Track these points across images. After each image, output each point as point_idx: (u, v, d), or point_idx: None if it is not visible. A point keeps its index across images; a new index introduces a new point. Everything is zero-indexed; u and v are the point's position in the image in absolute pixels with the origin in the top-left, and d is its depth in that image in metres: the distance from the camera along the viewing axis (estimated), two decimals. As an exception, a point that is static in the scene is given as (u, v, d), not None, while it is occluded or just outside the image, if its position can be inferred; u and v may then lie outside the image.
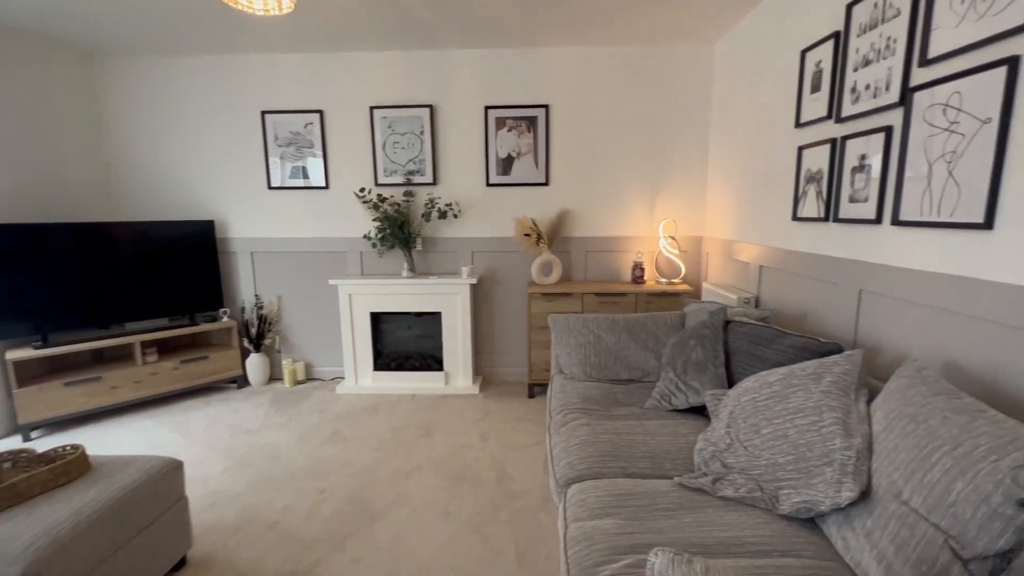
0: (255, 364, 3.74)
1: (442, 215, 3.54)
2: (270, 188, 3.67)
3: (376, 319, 3.67)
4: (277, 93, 3.56)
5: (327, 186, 3.66)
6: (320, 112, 3.56)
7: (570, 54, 3.44)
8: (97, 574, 1.43)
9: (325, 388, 3.72)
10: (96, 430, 3.01)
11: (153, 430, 3.02)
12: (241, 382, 3.74)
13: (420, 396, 3.53)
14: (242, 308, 3.82)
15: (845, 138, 1.95)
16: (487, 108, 3.50)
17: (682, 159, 3.53)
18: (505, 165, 3.57)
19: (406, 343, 3.81)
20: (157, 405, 3.41)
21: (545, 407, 3.29)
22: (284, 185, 3.67)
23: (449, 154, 3.60)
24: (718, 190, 3.34)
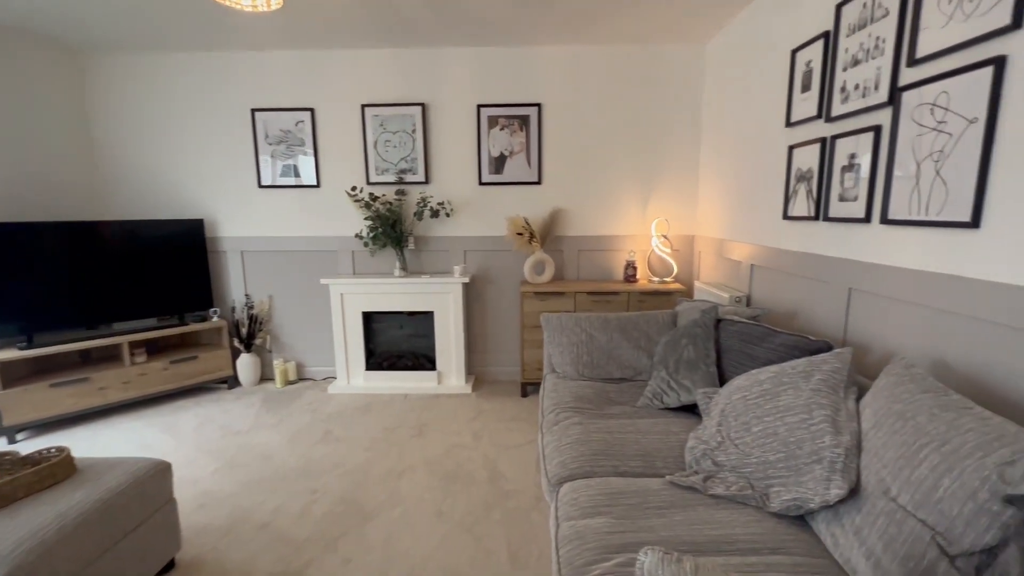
0: (246, 364, 3.71)
1: (434, 214, 3.53)
2: (260, 186, 3.64)
3: (368, 318, 3.65)
4: (267, 90, 3.53)
5: (318, 184, 3.64)
6: (311, 110, 3.53)
7: (563, 53, 3.43)
8: (83, 578, 1.41)
9: (317, 388, 3.70)
10: (84, 432, 2.98)
11: (142, 431, 2.98)
12: (232, 382, 3.71)
13: (413, 396, 3.52)
14: (232, 308, 3.79)
15: (835, 137, 1.96)
16: (479, 107, 3.49)
17: (674, 158, 3.54)
18: (497, 164, 3.56)
19: (398, 342, 3.79)
20: (146, 406, 3.37)
21: (538, 406, 3.29)
22: (275, 183, 3.64)
23: (441, 153, 3.58)
24: (710, 189, 3.35)
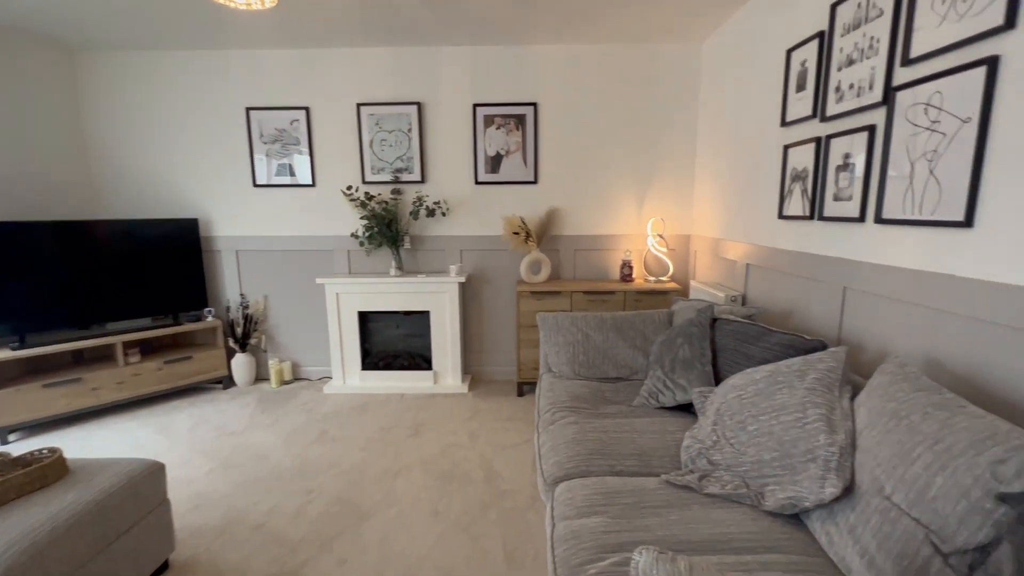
0: (241, 364, 3.69)
1: (430, 213, 3.52)
2: (255, 185, 3.62)
3: (364, 318, 3.64)
4: (262, 89, 3.51)
5: (313, 184, 3.62)
6: (306, 109, 3.52)
7: (559, 52, 3.43)
8: (75, 580, 1.40)
9: (312, 388, 3.68)
10: (77, 432, 2.96)
11: (136, 432, 2.96)
12: (227, 382, 3.69)
13: (409, 395, 3.51)
14: (227, 307, 3.77)
15: (829, 137, 1.97)
16: (475, 106, 3.48)
17: (670, 157, 3.55)
18: (493, 163, 3.56)
19: (394, 342, 3.78)
20: (140, 406, 3.35)
21: (534, 405, 3.29)
22: (270, 183, 3.62)
23: (437, 152, 3.57)
24: (706, 188, 3.36)
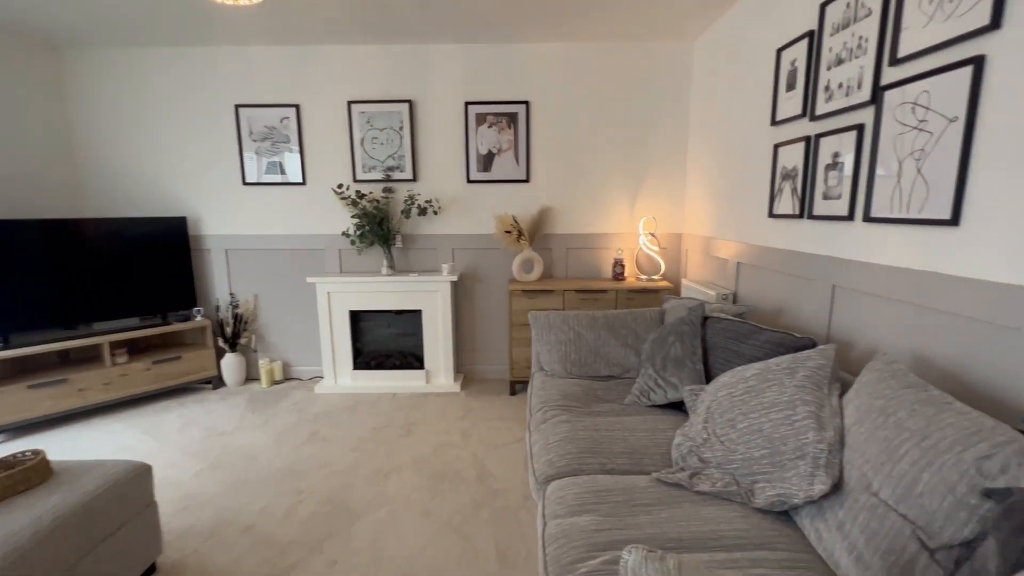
0: (231, 364, 3.66)
1: (422, 212, 3.51)
2: (245, 184, 3.59)
3: (355, 317, 3.62)
4: (251, 86, 3.48)
5: (304, 182, 3.59)
6: (296, 106, 3.48)
7: (551, 50, 3.42)
8: (59, 584, 1.37)
9: (303, 388, 3.66)
10: (63, 434, 2.91)
11: (123, 433, 2.92)
12: (216, 383, 3.65)
13: (401, 395, 3.50)
14: (216, 307, 3.73)
15: (819, 136, 1.98)
16: (467, 104, 3.46)
17: (662, 156, 3.55)
18: (486, 162, 3.55)
19: (386, 341, 3.77)
20: (128, 407, 3.30)
21: (526, 404, 3.29)
22: (260, 181, 3.59)
23: (429, 150, 3.56)
24: (697, 187, 3.37)
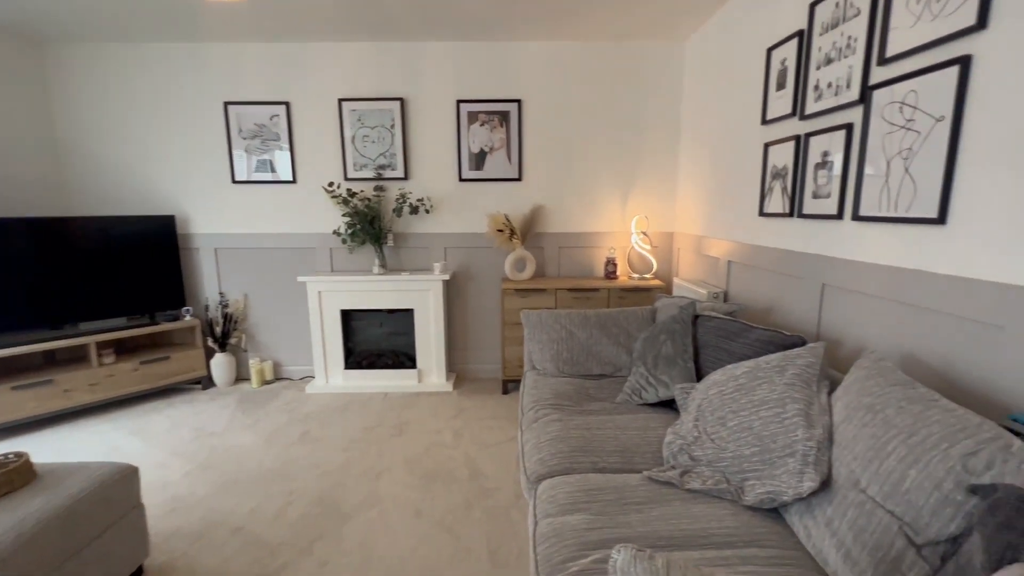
0: (220, 364, 3.62)
1: (414, 210, 3.49)
2: (234, 182, 3.55)
3: (347, 316, 3.60)
4: (240, 83, 3.44)
5: (294, 180, 3.56)
6: (286, 104, 3.45)
7: (543, 48, 3.42)
8: (43, 588, 1.35)
9: (294, 388, 3.63)
10: (48, 436, 2.87)
11: (110, 434, 2.89)
12: (206, 383, 3.62)
13: (393, 394, 3.48)
14: (206, 306, 3.69)
15: (808, 135, 1.99)
16: (459, 102, 3.45)
17: (654, 155, 3.56)
18: (478, 160, 3.53)
19: (378, 341, 3.75)
20: (115, 408, 3.26)
21: (518, 403, 3.28)
22: (249, 179, 3.55)
23: (420, 148, 3.54)
24: (689, 186, 3.38)
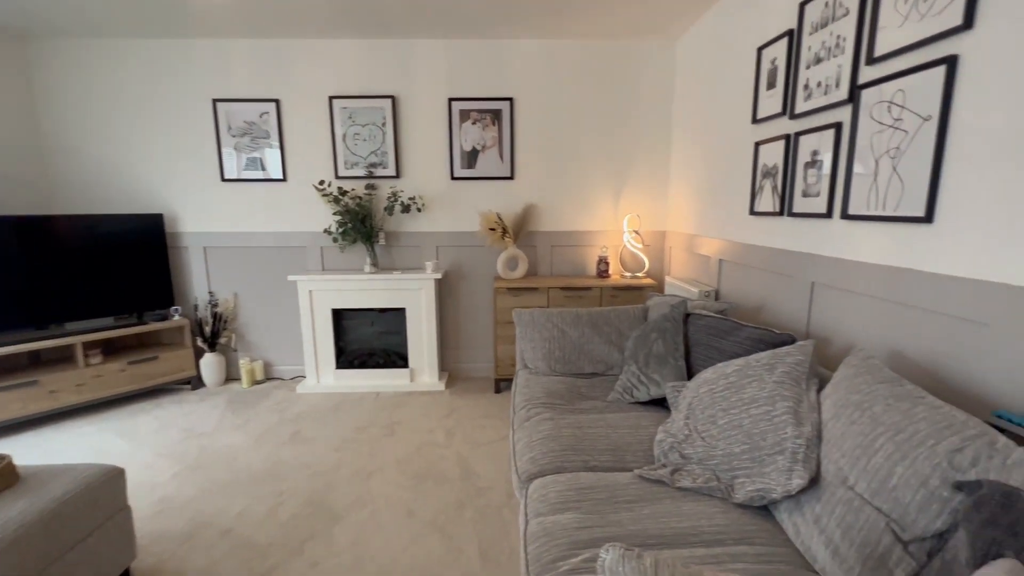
0: (210, 364, 3.58)
1: (405, 209, 3.47)
2: (224, 180, 3.51)
3: (338, 316, 3.57)
4: (230, 80, 3.40)
5: (285, 178, 3.53)
6: (276, 101, 3.42)
7: (535, 47, 3.41)
8: (26, 592, 1.33)
9: (285, 388, 3.60)
10: (33, 438, 2.82)
11: (97, 436, 2.85)
12: (195, 383, 3.58)
13: (384, 394, 3.46)
14: (195, 306, 3.65)
15: (798, 134, 2.00)
16: (451, 100, 3.43)
17: (646, 154, 3.57)
18: (470, 158, 3.52)
19: (369, 340, 3.73)
20: (102, 409, 3.22)
21: (510, 402, 3.28)
22: (239, 177, 3.51)
23: (412, 146, 3.52)
24: (681, 185, 3.39)
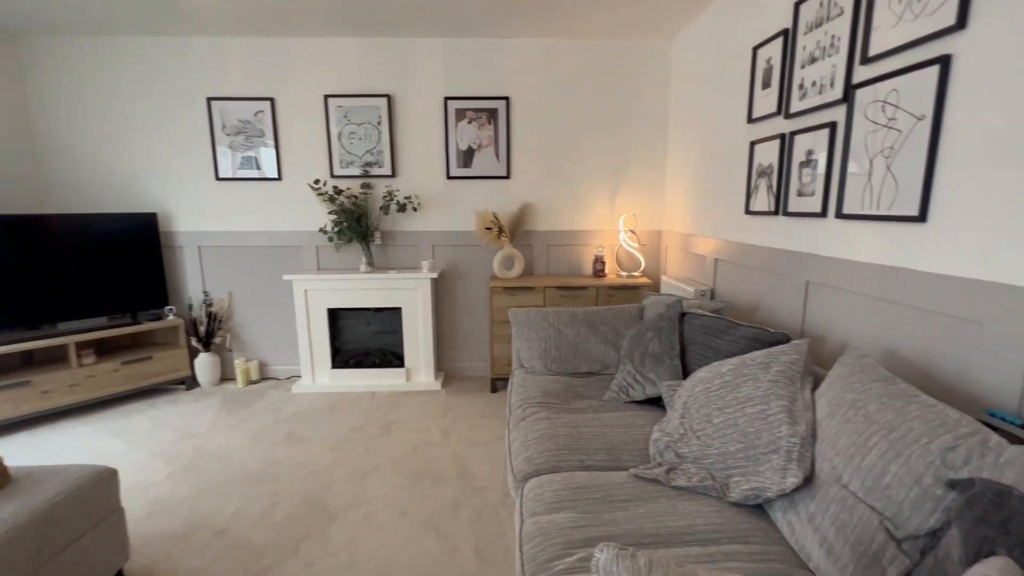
0: (204, 364, 3.56)
1: (401, 208, 3.46)
2: (218, 179, 3.49)
3: (334, 315, 3.56)
4: (224, 79, 3.38)
5: (280, 177, 3.51)
6: (271, 100, 3.40)
7: (531, 46, 3.40)
8: (17, 595, 1.32)
9: (280, 387, 3.59)
10: (26, 439, 2.80)
11: (90, 436, 2.83)
12: (190, 383, 3.56)
13: (380, 393, 3.45)
14: (189, 305, 3.63)
15: (793, 133, 2.00)
16: (447, 99, 3.43)
17: (642, 153, 3.57)
18: (466, 157, 3.52)
19: (365, 339, 3.72)
20: (96, 410, 3.20)
21: (506, 401, 3.28)
22: (234, 176, 3.49)
23: (408, 146, 3.51)
24: (676, 184, 3.39)
